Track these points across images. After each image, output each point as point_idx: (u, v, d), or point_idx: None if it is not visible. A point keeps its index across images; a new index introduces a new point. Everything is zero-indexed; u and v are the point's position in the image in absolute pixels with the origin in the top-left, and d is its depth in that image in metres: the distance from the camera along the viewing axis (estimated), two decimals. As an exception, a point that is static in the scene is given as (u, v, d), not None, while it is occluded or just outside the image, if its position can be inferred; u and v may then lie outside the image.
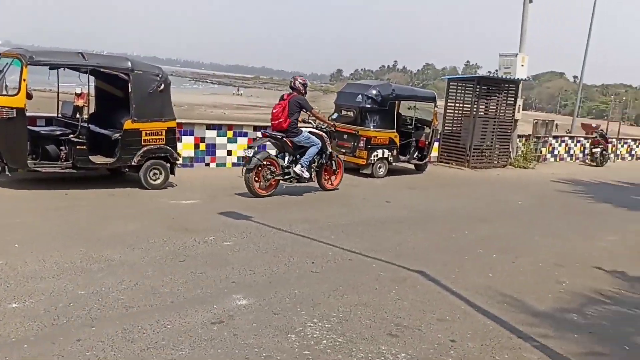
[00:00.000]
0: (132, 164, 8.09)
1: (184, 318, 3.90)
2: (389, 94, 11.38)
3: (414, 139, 12.32)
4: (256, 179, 8.30)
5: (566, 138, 19.08)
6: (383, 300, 4.57)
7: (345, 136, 11.41)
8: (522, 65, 14.96)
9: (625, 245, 7.37)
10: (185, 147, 10.49)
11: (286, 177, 8.63)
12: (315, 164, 8.97)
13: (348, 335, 3.86)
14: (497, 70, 15.53)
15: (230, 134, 11.12)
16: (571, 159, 18.74)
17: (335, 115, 11.53)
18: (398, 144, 11.62)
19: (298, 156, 8.72)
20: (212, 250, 5.57)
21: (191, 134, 10.62)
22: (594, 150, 18.08)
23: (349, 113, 11.53)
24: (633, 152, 21.32)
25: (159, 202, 7.59)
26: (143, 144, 8.09)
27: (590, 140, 18.67)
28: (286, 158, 8.72)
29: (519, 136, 16.09)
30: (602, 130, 19.65)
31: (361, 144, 11.08)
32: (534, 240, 7.18)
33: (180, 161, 9.11)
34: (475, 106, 14.05)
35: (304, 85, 8.85)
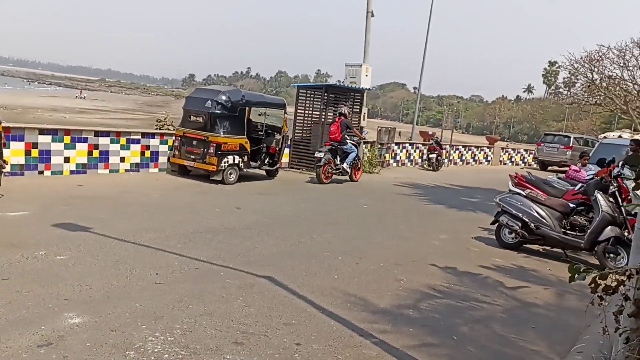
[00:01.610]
0: (-53, 172, 7.17)
1: (5, 343, 3.51)
2: (239, 100, 11.34)
3: (264, 145, 12.41)
4: (322, 172, 12.59)
5: (407, 145, 20.49)
6: (230, 309, 4.51)
7: (194, 142, 11.16)
8: (367, 75, 15.76)
9: (455, 242, 8.06)
10: (15, 153, 9.52)
11: (337, 171, 13.06)
12: (351, 163, 13.30)
13: (192, 347, 3.75)
14: (344, 80, 16.19)
15: (67, 139, 10.30)
16: (411, 164, 20.15)
17: (366, 132, 14.75)
18: (249, 150, 11.63)
19: (342, 158, 13.17)
20: (42, 266, 5.09)
21: (21, 139, 9.65)
22: (430, 155, 19.62)
23: (198, 119, 11.28)
24: (463, 158, 23.48)
25: (-19, 215, 6.79)
26: (-40, 150, 7.22)
27: (427, 147, 20.24)
28: (338, 159, 13.07)
29: (364, 142, 16.92)
30: (437, 137, 21.42)
31: (211, 150, 10.90)
32: (377, 241, 7.57)
33: (7, 169, 8.27)
34: (323, 113, 14.53)
35: (348, 113, 13.74)
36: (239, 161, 11.35)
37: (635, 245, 2.87)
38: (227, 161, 11.06)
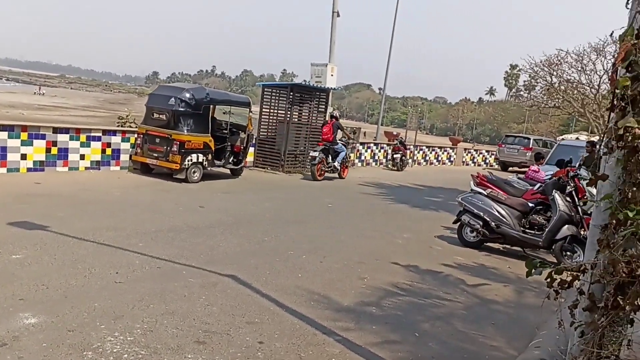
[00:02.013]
0: None
1: (-45, 345, 3.38)
2: (203, 98, 11.21)
3: (229, 143, 12.29)
4: (317, 169, 13.61)
5: (372, 145, 20.64)
6: (192, 307, 4.45)
7: (157, 140, 10.98)
8: (332, 75, 15.84)
9: (418, 241, 8.15)
10: (-32, 150, 9.21)
11: (329, 169, 14.10)
12: (341, 162, 14.41)
13: (152, 346, 3.68)
14: (310, 80, 16.20)
15: (24, 135, 10.01)
16: (376, 164, 20.30)
17: (340, 134, 15.21)
18: (213, 149, 11.51)
19: (334, 157, 14.22)
20: (-4, 266, 4.93)
21: (-25, 135, 9.35)
22: (394, 155, 19.80)
23: (161, 116, 11.11)
24: (427, 158, 23.79)
25: None
26: None
27: (391, 147, 20.42)
28: (330, 157, 14.09)
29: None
30: (401, 137, 21.65)
31: (174, 148, 10.75)
32: (341, 240, 7.59)
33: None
34: (289, 112, 14.51)
35: (339, 116, 14.76)
36: (203, 159, 11.22)
37: (590, 241, 2.95)
38: (191, 159, 10.93)
